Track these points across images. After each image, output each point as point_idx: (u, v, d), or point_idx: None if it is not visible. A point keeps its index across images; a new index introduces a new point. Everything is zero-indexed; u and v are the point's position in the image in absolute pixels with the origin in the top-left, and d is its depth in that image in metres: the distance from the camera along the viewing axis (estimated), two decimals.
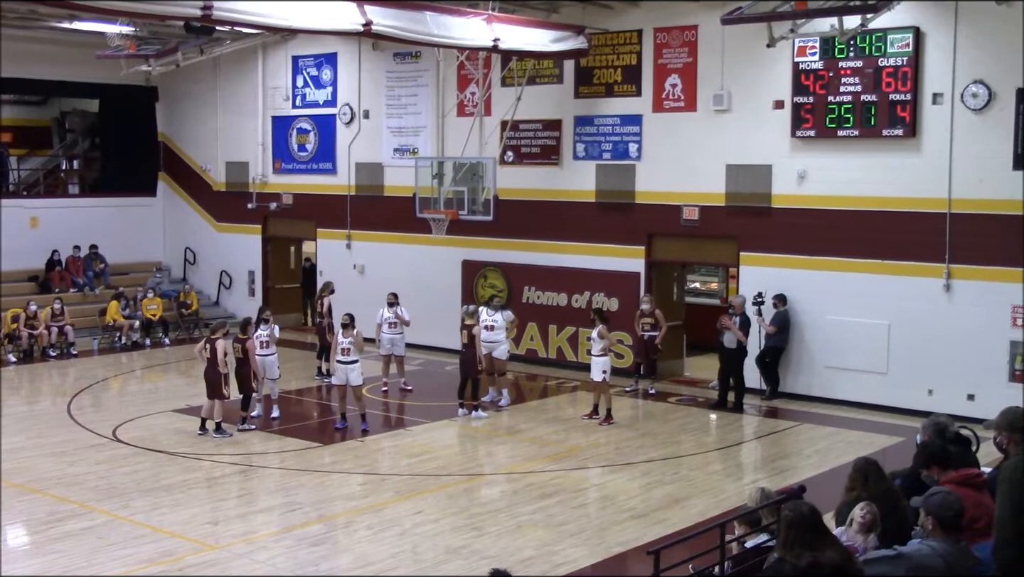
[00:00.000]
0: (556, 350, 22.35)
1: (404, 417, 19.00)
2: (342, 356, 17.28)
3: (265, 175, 27.43)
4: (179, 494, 13.96)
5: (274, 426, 17.67)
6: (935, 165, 17.83)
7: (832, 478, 13.29)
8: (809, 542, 6.42)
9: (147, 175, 29.58)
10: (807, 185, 19.22)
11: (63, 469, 15.06)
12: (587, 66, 21.70)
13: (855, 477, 8.19)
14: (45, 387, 22.06)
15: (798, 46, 18.78)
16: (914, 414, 16.61)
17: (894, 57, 18.00)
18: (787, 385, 19.51)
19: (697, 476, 14.92)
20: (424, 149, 24.02)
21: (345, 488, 14.49)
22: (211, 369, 16.86)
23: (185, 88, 28.53)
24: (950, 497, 6.87)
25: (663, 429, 17.67)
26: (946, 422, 9.08)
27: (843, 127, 18.57)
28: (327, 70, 26.04)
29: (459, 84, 23.44)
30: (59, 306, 24.33)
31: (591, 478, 14.92)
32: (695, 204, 20.53)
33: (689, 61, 20.42)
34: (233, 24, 18.05)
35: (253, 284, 27.95)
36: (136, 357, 24.49)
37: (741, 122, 19.86)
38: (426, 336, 22.13)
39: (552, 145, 22.37)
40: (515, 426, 17.83)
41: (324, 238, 26.44)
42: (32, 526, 12.82)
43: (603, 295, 21.60)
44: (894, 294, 18.34)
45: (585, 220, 21.95)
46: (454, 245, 23.06)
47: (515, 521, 12.92)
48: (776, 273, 19.54)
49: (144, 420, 18.05)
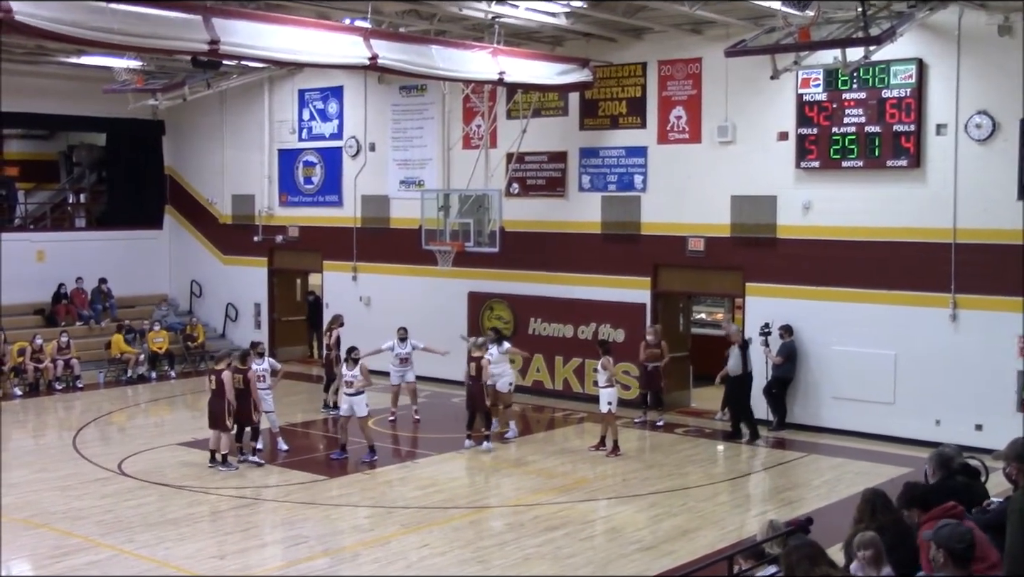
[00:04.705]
0: (562, 381, 22.31)
1: (411, 449, 18.95)
2: (347, 388, 17.29)
3: (271, 208, 27.51)
4: (185, 528, 13.91)
5: (281, 459, 17.63)
6: (940, 195, 17.85)
7: (840, 509, 13.20)
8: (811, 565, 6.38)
9: (154, 208, 29.68)
10: (812, 216, 19.24)
11: (68, 503, 15.03)
12: (592, 98, 21.79)
13: (863, 508, 8.15)
14: (51, 420, 22.05)
15: (802, 78, 18.85)
16: (922, 444, 16.52)
17: (897, 88, 18.06)
18: (794, 416, 19.45)
19: (705, 507, 14.86)
20: (430, 181, 24.09)
21: (351, 521, 14.45)
22: (215, 400, 16.88)
23: (192, 122, 28.67)
24: (960, 529, 6.82)
25: (670, 460, 17.61)
26: (953, 453, 9.05)
27: (847, 158, 18.61)
28: (333, 103, 26.16)
29: (465, 117, 23.54)
30: (65, 339, 24.35)
31: (598, 510, 14.85)
32: (700, 235, 20.56)
33: (693, 93, 20.50)
34: (240, 58, 18.20)
35: (259, 316, 27.95)
36: (142, 390, 24.47)
37: (746, 153, 19.92)
38: (432, 368, 22.09)
39: (557, 177, 22.42)
40: (522, 458, 17.78)
41: (330, 270, 26.46)
42: (37, 560, 12.78)
43: (609, 326, 21.60)
44: (900, 324, 18.31)
45: (591, 251, 21.96)
46: (460, 277, 23.08)
47: (522, 554, 12.86)
48: (782, 304, 19.52)
49: (150, 453, 18.03)
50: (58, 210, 31.25)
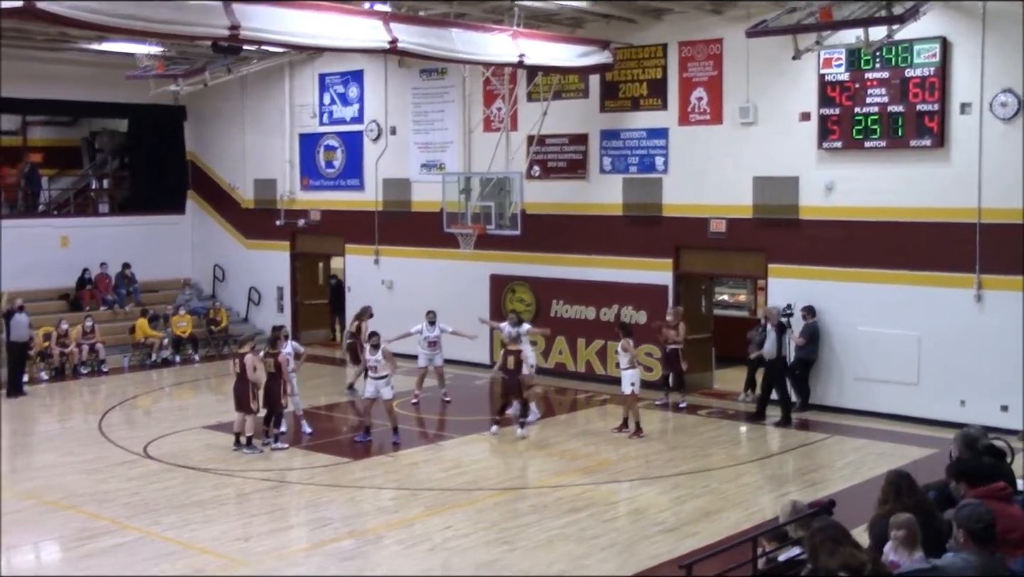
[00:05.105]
0: (585, 363, 22.32)
1: (435, 432, 19.02)
2: (372, 373, 17.38)
3: (293, 192, 27.58)
4: (210, 510, 14.02)
5: (304, 442, 17.73)
6: (964, 175, 17.72)
7: (864, 491, 13.17)
8: (835, 546, 6.38)
9: (176, 193, 29.80)
10: (835, 197, 19.15)
11: (95, 485, 15.16)
12: (613, 80, 21.72)
13: (887, 490, 8.12)
14: (76, 404, 22.22)
15: (824, 58, 18.73)
16: (946, 425, 16.47)
17: (921, 67, 17.93)
18: (817, 397, 19.40)
19: (728, 489, 14.85)
20: (451, 164, 24.11)
21: (375, 503, 14.52)
22: (240, 383, 17.01)
23: (213, 107, 28.75)
24: (980, 509, 6.83)
25: (693, 442, 17.61)
26: (978, 434, 9.02)
27: (870, 138, 18.50)
28: (354, 87, 26.18)
29: (485, 100, 23.52)
30: (90, 324, 24.52)
31: (621, 491, 14.88)
32: (722, 216, 20.50)
33: (714, 74, 20.41)
34: (260, 43, 18.20)
35: (282, 300, 28.06)
36: (166, 374, 24.63)
37: (767, 134, 19.83)
38: (455, 351, 22.12)
39: (579, 159, 22.39)
40: (545, 440, 17.81)
41: (352, 254, 26.53)
42: (65, 543, 12.90)
43: (631, 308, 21.58)
44: (924, 305, 18.23)
45: (612, 233, 21.94)
46: (482, 260, 23.10)
47: (546, 535, 12.90)
48: (805, 285, 19.46)
49: (175, 437, 18.15)
50: (81, 196, 31.45)
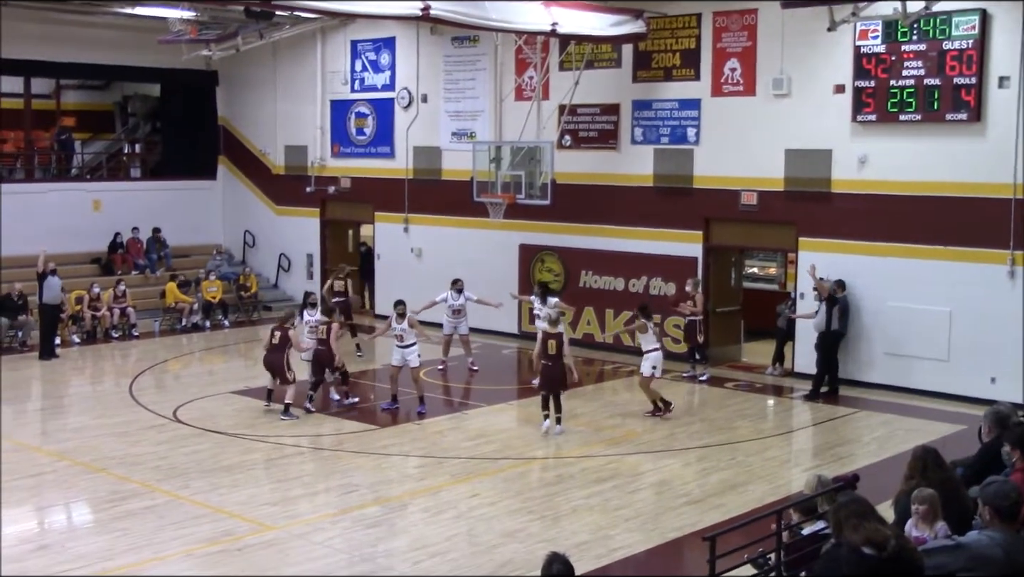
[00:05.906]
0: (613, 335, 22.29)
1: (461, 400, 19.08)
2: (398, 342, 17.40)
3: (324, 159, 27.61)
4: (238, 475, 14.14)
5: (332, 408, 17.83)
6: (1000, 150, 17.51)
7: (891, 466, 13.12)
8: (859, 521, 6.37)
9: (207, 159, 29.91)
10: (868, 170, 18.99)
11: (125, 449, 15.33)
12: (645, 50, 21.57)
13: (914, 465, 8.10)
14: (108, 368, 22.43)
15: (860, 30, 18.52)
16: (976, 402, 16.37)
17: (959, 40, 17.69)
18: (846, 372, 19.28)
19: (754, 462, 14.84)
20: (482, 133, 24.05)
21: (402, 470, 14.60)
22: (274, 353, 17.14)
23: (245, 73, 28.76)
24: (1006, 486, 6.80)
25: (719, 415, 17.59)
26: (1008, 411, 8.95)
27: (905, 111, 18.31)
28: (385, 54, 26.12)
29: (517, 68, 23.43)
30: (121, 288, 24.69)
31: (646, 463, 14.87)
32: (753, 189, 20.37)
33: (748, 45, 20.23)
34: (292, 9, 18.19)
35: (311, 267, 28.16)
36: (196, 339, 24.79)
37: (801, 106, 19.66)
38: (482, 320, 22.16)
39: (610, 129, 22.28)
40: (571, 410, 17.78)
41: (382, 222, 26.56)
42: (95, 505, 13.07)
43: (660, 280, 21.52)
44: (956, 281, 18.07)
45: (642, 205, 21.85)
46: (511, 229, 23.07)
47: (570, 505, 12.94)
48: (835, 259, 19.31)
49: (204, 401, 18.30)
50: (113, 160, 31.63)
